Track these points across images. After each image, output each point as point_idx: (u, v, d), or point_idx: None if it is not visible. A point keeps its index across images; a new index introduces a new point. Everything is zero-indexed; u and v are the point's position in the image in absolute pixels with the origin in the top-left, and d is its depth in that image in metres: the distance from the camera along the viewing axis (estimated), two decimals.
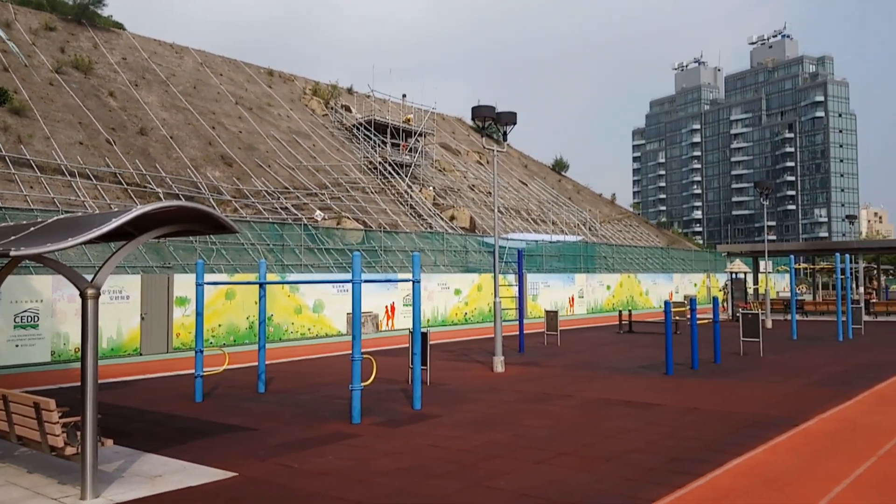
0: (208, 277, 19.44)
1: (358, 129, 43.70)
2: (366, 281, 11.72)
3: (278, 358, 18.12)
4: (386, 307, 26.57)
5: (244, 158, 34.28)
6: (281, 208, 30.96)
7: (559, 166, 66.72)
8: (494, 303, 16.11)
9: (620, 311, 27.60)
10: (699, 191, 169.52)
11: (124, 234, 7.52)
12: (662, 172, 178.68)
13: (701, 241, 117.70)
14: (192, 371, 12.86)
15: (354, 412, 10.09)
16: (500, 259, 32.89)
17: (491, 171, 49.06)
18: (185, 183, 29.38)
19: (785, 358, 17.37)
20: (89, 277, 6.92)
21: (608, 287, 40.20)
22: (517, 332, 20.16)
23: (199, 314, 12.21)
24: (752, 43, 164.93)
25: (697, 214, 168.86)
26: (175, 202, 7.20)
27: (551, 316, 21.53)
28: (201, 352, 12.15)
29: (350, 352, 10.25)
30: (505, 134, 17.27)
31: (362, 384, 10.27)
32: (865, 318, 29.29)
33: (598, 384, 13.45)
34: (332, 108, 46.99)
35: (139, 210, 6.66)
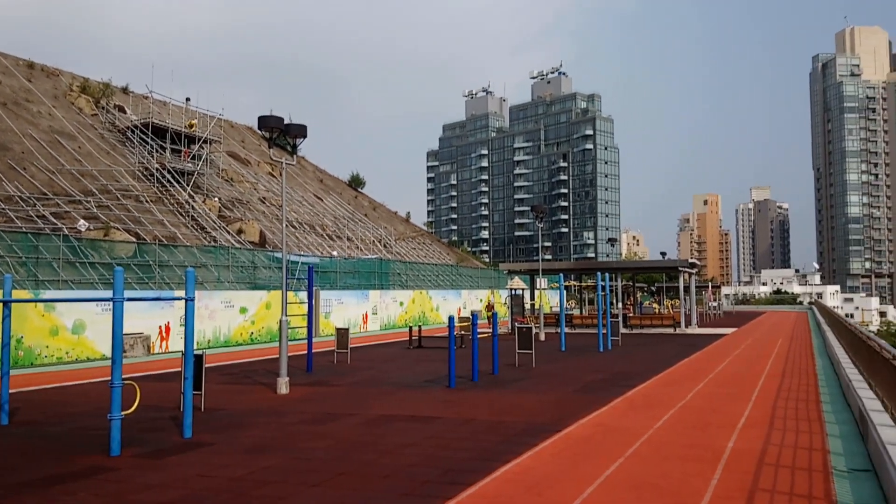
0: None
1: (133, 131, 40.28)
2: (129, 299, 10.66)
3: (28, 385, 15.93)
4: (160, 327, 24.57)
5: None
6: (37, 216, 27.47)
7: (356, 182, 67.04)
8: (280, 321, 15.56)
9: (411, 327, 28.18)
10: (486, 212, 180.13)
11: None
12: (454, 193, 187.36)
13: (487, 260, 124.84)
14: None
15: (113, 443, 9.09)
16: (292, 275, 32.12)
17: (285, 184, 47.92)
18: None
19: (553, 368, 18.81)
20: None
21: (401, 303, 40.95)
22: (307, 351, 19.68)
23: None
24: (533, 77, 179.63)
25: (485, 234, 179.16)
26: None
27: (342, 333, 21.34)
28: None
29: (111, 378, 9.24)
30: (294, 146, 16.86)
31: (123, 413, 9.30)
32: (623, 330, 32.82)
33: (384, 400, 13.51)
34: (103, 108, 42.84)
35: None
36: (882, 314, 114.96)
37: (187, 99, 45.87)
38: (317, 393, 14.75)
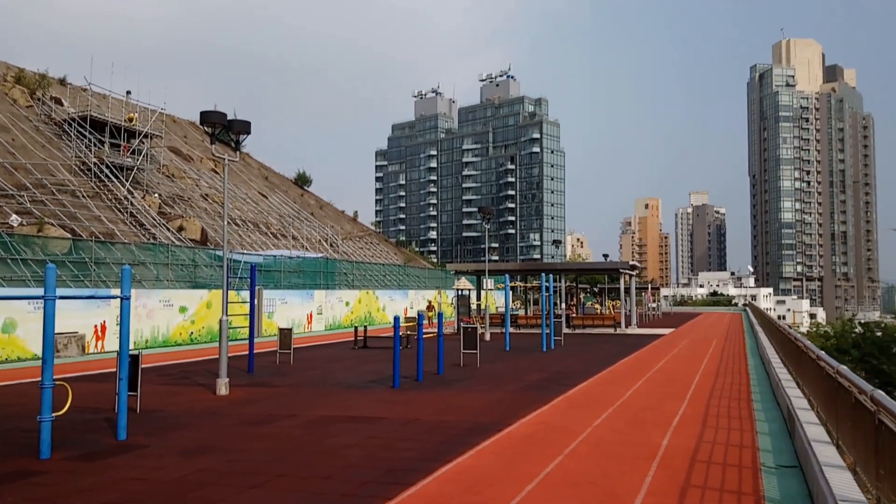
0: None
1: (70, 124, 38.84)
2: (61, 297, 10.30)
3: None
4: (96, 326, 23.77)
5: None
6: None
7: (302, 180, 66.23)
8: (221, 321, 15.26)
9: (356, 327, 27.99)
10: (435, 213, 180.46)
11: None
12: (403, 193, 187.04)
13: (435, 260, 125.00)
14: None
15: (43, 446, 8.77)
16: (235, 274, 31.49)
17: (228, 181, 47.00)
18: None
19: (498, 367, 19.00)
20: None
21: (347, 303, 40.64)
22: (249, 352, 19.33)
23: None
24: (482, 80, 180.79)
25: (433, 234, 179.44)
26: None
27: (285, 334, 21.05)
28: None
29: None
30: (238, 143, 16.57)
31: (54, 415, 8.98)
32: (566, 330, 33.37)
33: (326, 401, 13.39)
34: (39, 100, 41.19)
35: None
36: (812, 316, 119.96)
37: (128, 92, 44.50)
38: (257, 394, 14.52)
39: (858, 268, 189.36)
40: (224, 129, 15.77)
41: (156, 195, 38.51)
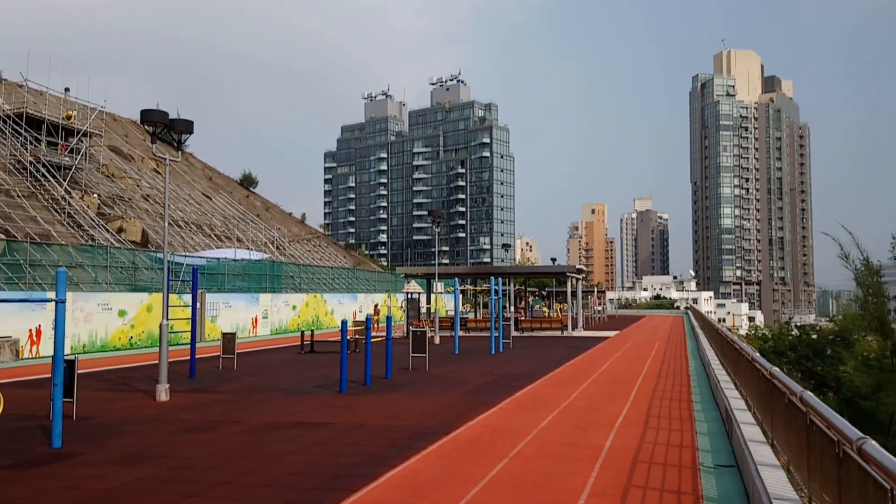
0: None
1: (5, 122, 37.29)
2: None
3: None
4: (31, 331, 22.84)
5: None
6: None
7: (248, 181, 65.13)
8: (161, 325, 14.86)
9: (303, 332, 27.63)
10: (385, 215, 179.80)
11: None
12: (352, 196, 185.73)
13: (385, 263, 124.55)
14: None
15: None
16: (176, 277, 30.68)
17: (169, 181, 45.80)
18: None
19: (447, 371, 19.01)
20: None
21: (294, 307, 40.08)
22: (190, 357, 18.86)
23: None
24: (433, 84, 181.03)
25: (383, 238, 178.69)
26: None
27: (228, 338, 20.62)
28: None
29: None
30: (180, 142, 16.19)
31: None
32: (514, 333, 33.65)
33: (270, 407, 13.16)
34: None
35: None
36: (751, 319, 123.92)
37: (66, 89, 42.93)
38: (199, 400, 14.17)
39: (795, 272, 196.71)
40: (166, 129, 15.37)
41: (95, 195, 37.27)
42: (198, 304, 18.87)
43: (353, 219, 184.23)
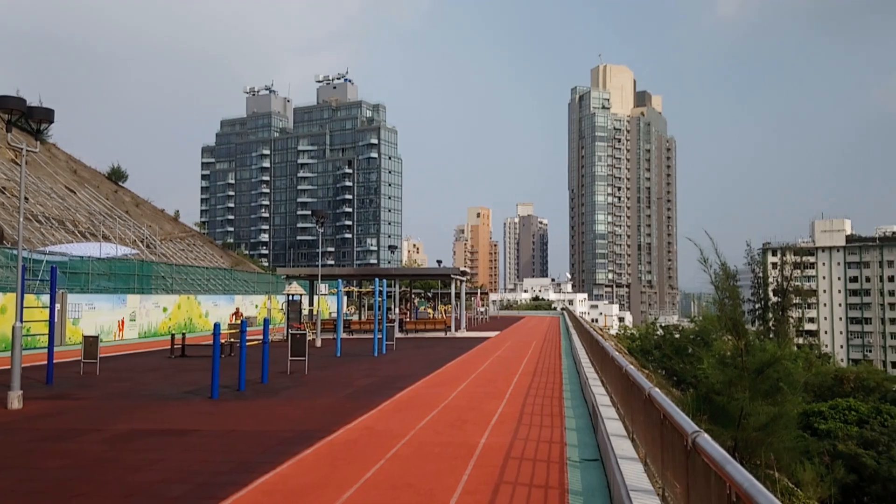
0: None
1: None
2: None
3: None
4: None
5: None
6: None
7: (117, 175, 61.22)
8: (14, 327, 13.69)
9: (174, 335, 26.33)
10: (267, 214, 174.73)
11: None
12: (232, 193, 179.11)
13: (267, 264, 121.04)
14: None
15: None
16: (34, 276, 28.33)
17: (28, 173, 42.36)
18: None
19: (327, 374, 18.75)
20: None
21: (165, 309, 38.11)
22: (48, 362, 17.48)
23: None
24: (319, 81, 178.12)
25: (265, 237, 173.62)
26: None
27: (90, 342, 19.29)
28: None
29: None
30: (39, 131, 15.01)
31: None
32: (399, 334, 33.74)
33: (135, 414, 12.45)
34: None
35: None
36: (621, 319, 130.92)
37: None
38: (56, 407, 13.18)
39: (661, 276, 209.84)
40: (23, 116, 14.21)
41: None
42: (57, 306, 17.54)
43: (232, 217, 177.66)
